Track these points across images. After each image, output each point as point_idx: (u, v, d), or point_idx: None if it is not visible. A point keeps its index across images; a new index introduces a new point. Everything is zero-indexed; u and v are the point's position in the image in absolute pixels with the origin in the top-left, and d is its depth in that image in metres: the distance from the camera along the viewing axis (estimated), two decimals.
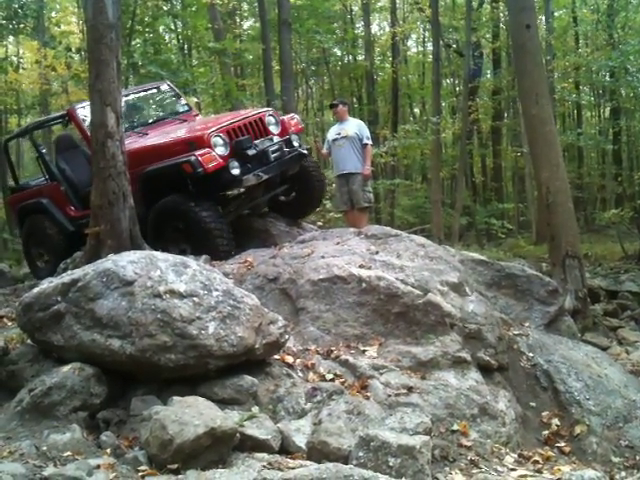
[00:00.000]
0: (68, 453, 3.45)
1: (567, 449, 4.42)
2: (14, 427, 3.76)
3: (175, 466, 3.25)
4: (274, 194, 7.24)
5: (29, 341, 4.51)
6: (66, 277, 4.39)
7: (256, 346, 4.08)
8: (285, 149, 6.81)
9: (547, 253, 9.63)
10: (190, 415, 3.39)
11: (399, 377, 4.34)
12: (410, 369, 4.45)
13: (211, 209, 6.19)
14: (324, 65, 23.01)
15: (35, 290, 4.46)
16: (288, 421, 3.87)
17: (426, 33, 24.20)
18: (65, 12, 20.58)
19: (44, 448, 3.47)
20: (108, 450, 3.53)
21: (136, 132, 7.16)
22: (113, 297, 4.07)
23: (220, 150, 6.29)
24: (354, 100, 23.44)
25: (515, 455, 4.07)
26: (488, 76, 21.41)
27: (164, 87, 8.14)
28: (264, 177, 6.45)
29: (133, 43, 14.18)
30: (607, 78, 17.18)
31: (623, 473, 4.31)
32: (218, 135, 6.36)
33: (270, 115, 7.00)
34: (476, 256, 6.39)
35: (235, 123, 6.64)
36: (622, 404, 4.91)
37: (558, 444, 4.47)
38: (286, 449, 3.63)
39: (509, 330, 5.39)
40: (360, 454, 3.36)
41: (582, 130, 19.29)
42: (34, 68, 17.56)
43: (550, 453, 4.26)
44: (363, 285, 4.86)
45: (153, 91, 8.12)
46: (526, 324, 5.70)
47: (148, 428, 3.42)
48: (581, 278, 8.05)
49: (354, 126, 8.07)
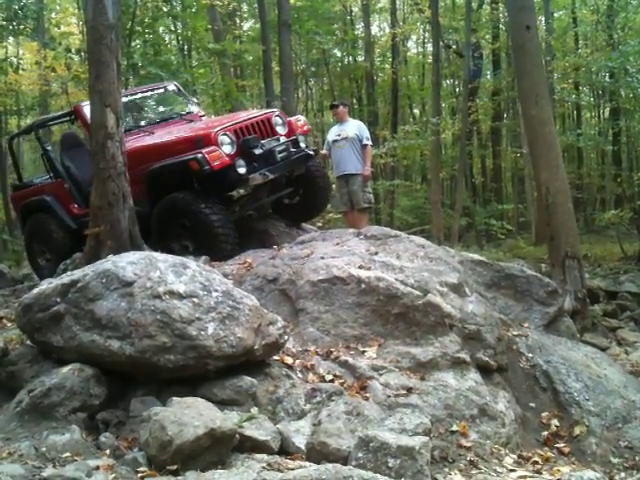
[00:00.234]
0: (67, 454, 3.45)
1: (566, 450, 4.42)
2: (13, 428, 3.76)
3: (174, 467, 3.25)
4: (279, 196, 7.23)
5: (28, 342, 4.51)
6: (66, 278, 4.39)
7: (255, 347, 4.08)
8: (292, 149, 6.80)
9: (546, 254, 9.63)
10: (189, 416, 3.38)
11: (398, 378, 4.34)
12: (409, 370, 4.46)
13: (221, 213, 6.18)
14: (324, 66, 23.04)
15: (34, 291, 4.47)
16: (287, 422, 3.86)
17: (426, 34, 24.22)
18: (65, 13, 20.60)
19: (43, 449, 3.47)
20: (107, 451, 3.53)
21: (142, 131, 7.18)
22: (112, 298, 4.07)
23: (227, 148, 6.28)
24: (354, 101, 23.46)
25: (514, 456, 4.06)
26: (488, 77, 21.41)
27: (171, 87, 8.16)
28: (270, 176, 6.43)
29: (133, 44, 14.19)
30: (607, 79, 17.17)
31: (622, 474, 4.31)
32: (225, 134, 6.35)
33: (277, 116, 7.00)
34: (475, 257, 6.39)
35: (242, 122, 6.64)
36: (621, 405, 4.91)
37: (557, 445, 4.47)
38: (285, 450, 3.63)
39: (508, 331, 5.39)
40: (359, 455, 3.35)
41: (582, 131, 19.26)
42: (34, 69, 17.58)
43: (549, 454, 4.26)
44: (362, 286, 4.86)
45: (160, 91, 8.14)
46: (525, 325, 5.70)
47: (147, 429, 3.42)
48: (580, 279, 8.05)
49: (354, 127, 8.08)
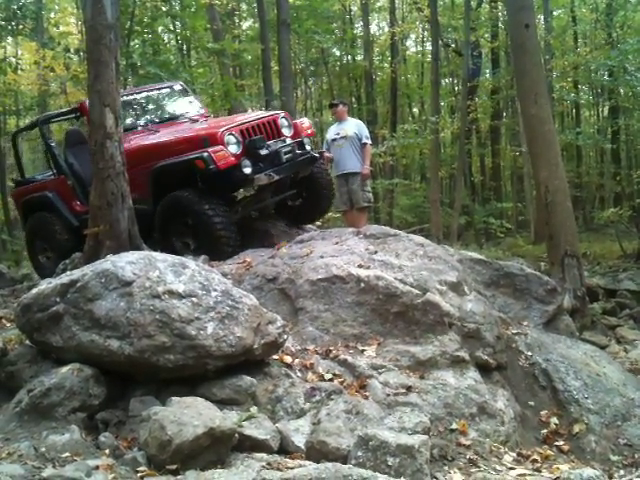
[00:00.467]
0: (67, 454, 3.44)
1: (566, 448, 4.42)
2: (13, 428, 3.76)
3: (174, 466, 3.25)
4: (282, 197, 7.22)
5: (28, 342, 4.51)
6: (65, 278, 4.39)
7: (255, 346, 4.08)
8: (297, 151, 6.81)
9: (546, 252, 9.64)
10: (189, 415, 3.39)
11: (398, 377, 4.34)
12: (409, 368, 4.46)
13: (224, 215, 6.19)
14: (323, 65, 23.04)
15: (34, 291, 4.46)
16: (287, 421, 3.87)
17: (425, 33, 24.22)
18: (64, 13, 20.57)
19: (43, 449, 3.47)
20: (107, 451, 3.53)
21: (147, 129, 7.18)
22: (112, 298, 4.07)
23: (233, 148, 6.28)
24: (353, 100, 23.46)
25: (514, 454, 4.06)
26: (487, 75, 21.40)
27: (177, 87, 8.16)
28: (276, 177, 6.43)
29: (132, 44, 14.16)
30: (606, 77, 17.15)
31: (622, 471, 4.31)
32: (231, 133, 6.35)
33: (283, 117, 7.01)
34: (475, 255, 6.39)
35: (248, 123, 6.64)
36: (621, 402, 4.92)
37: (557, 443, 4.47)
38: (285, 449, 3.64)
39: (508, 329, 5.39)
40: (359, 454, 3.36)
41: (581, 129, 19.27)
42: (33, 69, 17.55)
43: (549, 452, 4.26)
44: (362, 285, 4.86)
45: (166, 91, 8.14)
46: (525, 323, 5.71)
47: (147, 429, 3.42)
48: (580, 277, 8.06)
49: (353, 126, 8.08)
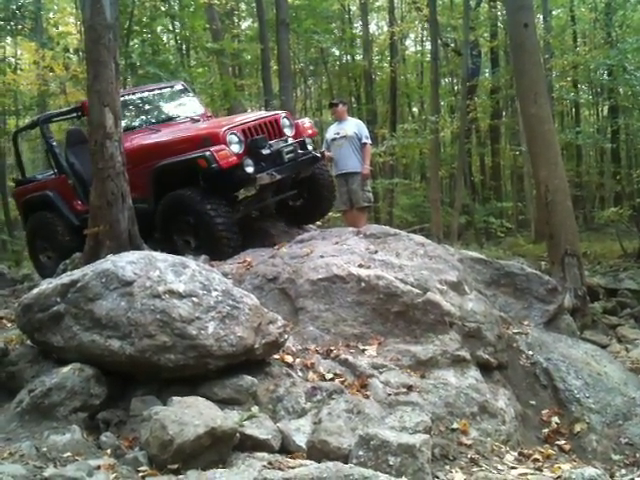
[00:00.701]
0: (68, 454, 3.44)
1: (567, 447, 4.43)
2: (14, 428, 3.76)
3: (175, 466, 3.25)
4: (283, 197, 7.22)
5: (29, 342, 4.51)
6: (65, 278, 4.39)
7: (255, 346, 4.07)
8: (299, 151, 6.81)
9: (546, 252, 9.64)
10: (190, 415, 3.38)
11: (399, 376, 4.34)
12: (410, 368, 4.46)
13: (226, 215, 6.19)
14: (322, 65, 23.05)
15: (34, 291, 4.46)
16: (288, 421, 3.87)
17: (424, 32, 24.19)
18: (63, 13, 20.55)
19: (44, 449, 3.47)
20: (108, 451, 3.53)
21: (149, 129, 7.18)
22: (112, 298, 4.07)
23: (235, 148, 6.28)
24: (352, 100, 23.44)
25: (515, 453, 4.07)
26: (486, 75, 21.39)
27: (178, 87, 8.17)
28: (277, 177, 6.43)
29: (131, 44, 14.15)
30: (605, 76, 17.14)
31: (623, 470, 4.31)
32: (233, 133, 6.36)
33: (285, 117, 7.01)
34: (475, 255, 6.39)
35: (250, 122, 6.65)
36: (622, 402, 4.92)
37: (558, 442, 4.48)
38: (286, 448, 3.64)
39: (508, 328, 5.39)
40: (360, 453, 3.36)
41: (580, 129, 19.23)
42: (32, 69, 17.53)
43: (550, 451, 4.27)
44: (362, 284, 4.86)
45: (167, 90, 8.14)
46: (525, 322, 5.71)
47: (148, 428, 3.42)
48: (580, 276, 8.06)
49: (353, 126, 8.07)
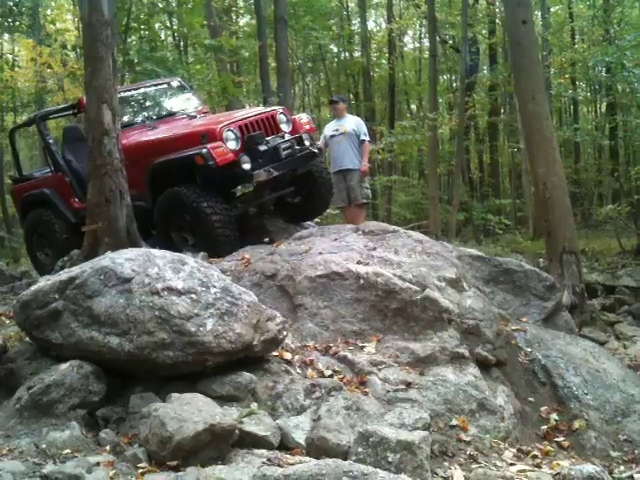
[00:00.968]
0: (67, 451, 3.44)
1: (566, 444, 4.42)
2: (13, 425, 3.75)
3: (175, 463, 3.25)
4: (281, 194, 7.19)
5: (27, 339, 4.50)
6: (63, 275, 4.38)
7: (254, 343, 4.07)
8: (296, 147, 6.77)
9: (544, 249, 9.65)
10: (189, 412, 3.38)
11: (397, 373, 4.34)
12: (408, 365, 4.46)
13: (223, 212, 6.17)
14: (320, 62, 23.05)
15: (32, 288, 4.45)
16: (287, 417, 3.86)
17: (422, 29, 24.18)
18: (60, 10, 20.49)
19: (43, 446, 3.46)
20: (107, 447, 3.52)
21: (145, 126, 7.17)
22: (111, 295, 4.06)
23: (232, 144, 6.26)
24: (351, 97, 23.44)
25: (514, 450, 4.06)
26: (485, 72, 21.39)
27: (175, 83, 8.16)
28: (275, 173, 6.39)
29: (129, 40, 14.14)
30: (603, 74, 17.18)
31: (622, 467, 4.31)
32: (230, 129, 6.34)
33: (281, 113, 6.98)
34: (473, 252, 6.38)
35: (247, 119, 6.63)
36: (620, 398, 4.92)
37: (557, 439, 4.47)
38: (285, 445, 3.63)
39: (507, 325, 5.39)
40: (359, 450, 3.36)
41: (579, 126, 19.26)
42: (30, 66, 17.48)
43: (549, 448, 4.27)
44: (361, 281, 4.86)
45: (163, 87, 8.12)
46: (524, 319, 5.71)
47: (147, 425, 3.42)
48: (578, 273, 8.08)
49: (352, 123, 8.08)
